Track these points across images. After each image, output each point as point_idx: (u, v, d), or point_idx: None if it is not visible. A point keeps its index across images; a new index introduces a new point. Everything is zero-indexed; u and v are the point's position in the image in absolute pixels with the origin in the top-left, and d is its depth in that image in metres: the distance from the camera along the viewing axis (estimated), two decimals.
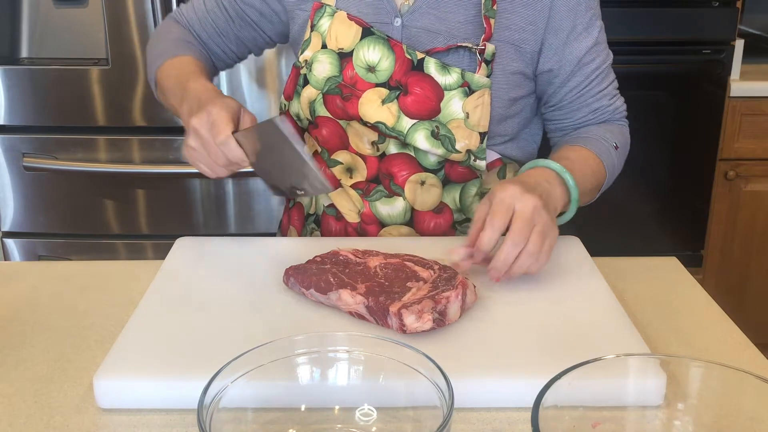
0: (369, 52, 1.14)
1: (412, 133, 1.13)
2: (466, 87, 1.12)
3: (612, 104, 1.22)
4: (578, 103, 1.20)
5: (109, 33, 2.02)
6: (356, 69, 1.14)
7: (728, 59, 2.24)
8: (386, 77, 1.14)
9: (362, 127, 1.16)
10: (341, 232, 1.24)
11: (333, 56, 1.16)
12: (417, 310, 0.85)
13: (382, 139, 1.16)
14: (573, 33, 1.15)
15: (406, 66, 1.13)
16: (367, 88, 1.14)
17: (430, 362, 0.66)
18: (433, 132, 1.13)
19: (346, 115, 1.16)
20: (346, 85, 1.15)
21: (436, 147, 1.14)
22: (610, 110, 1.22)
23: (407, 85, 1.13)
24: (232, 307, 0.93)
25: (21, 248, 2.22)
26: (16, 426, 0.77)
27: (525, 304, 0.94)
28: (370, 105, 1.14)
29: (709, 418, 0.67)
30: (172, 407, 0.78)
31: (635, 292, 1.05)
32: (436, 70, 1.12)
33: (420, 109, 1.13)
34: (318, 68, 1.16)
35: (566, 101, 1.20)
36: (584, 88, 1.19)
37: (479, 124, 1.13)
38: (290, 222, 1.34)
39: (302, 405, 0.73)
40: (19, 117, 2.11)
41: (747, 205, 2.38)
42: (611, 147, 1.17)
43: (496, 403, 0.79)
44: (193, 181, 2.15)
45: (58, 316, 0.99)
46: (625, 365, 0.70)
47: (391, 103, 1.13)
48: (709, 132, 2.31)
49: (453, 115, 1.12)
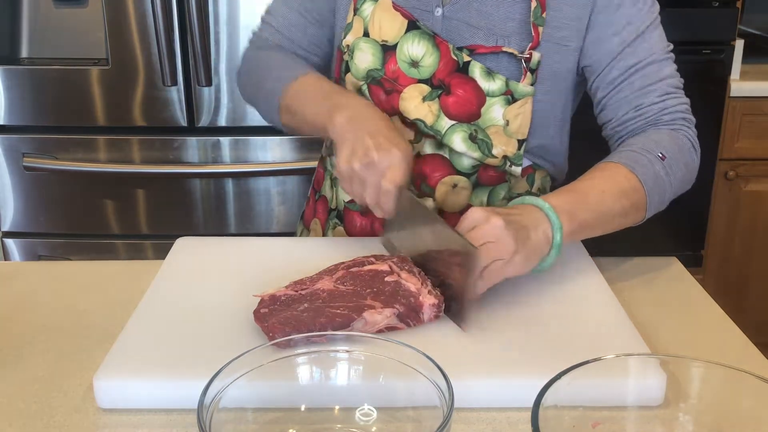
0: (413, 46, 1.12)
1: (450, 134, 1.12)
2: (509, 95, 1.10)
3: (660, 103, 1.11)
4: (618, 100, 1.13)
5: (109, 33, 2.02)
6: (399, 63, 1.12)
7: (728, 59, 2.24)
8: (429, 74, 1.12)
9: (401, 125, 1.15)
10: (366, 227, 1.22)
11: (376, 47, 1.14)
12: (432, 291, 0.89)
13: (418, 138, 1.15)
14: (611, 27, 1.11)
15: (450, 66, 1.11)
16: (409, 83, 1.12)
17: (430, 362, 0.66)
18: (471, 135, 1.12)
19: (390, 107, 1.14)
20: (388, 79, 1.13)
21: (472, 150, 1.12)
22: (655, 109, 1.11)
23: (450, 86, 1.11)
24: (233, 307, 0.93)
25: (21, 248, 2.22)
26: (16, 426, 0.77)
27: (525, 304, 0.94)
28: (412, 101, 1.12)
29: (709, 418, 0.67)
30: (172, 407, 0.78)
31: (635, 292, 1.05)
32: (481, 75, 1.10)
33: (460, 112, 1.11)
34: (359, 57, 1.14)
35: (606, 98, 1.14)
36: (622, 83, 1.12)
37: (518, 131, 1.12)
38: (315, 214, 1.31)
39: (302, 405, 0.73)
40: (19, 117, 2.11)
41: (747, 205, 2.38)
42: (654, 158, 1.05)
43: (496, 403, 0.79)
44: (193, 181, 2.15)
45: (58, 316, 0.99)
46: (625, 365, 0.70)
47: (432, 101, 1.12)
48: (709, 132, 2.31)
49: (493, 122, 1.11)
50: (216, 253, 1.09)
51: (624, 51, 1.11)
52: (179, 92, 2.07)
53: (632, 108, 1.12)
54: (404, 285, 0.90)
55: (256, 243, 1.14)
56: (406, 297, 0.88)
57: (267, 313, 0.86)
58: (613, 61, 1.12)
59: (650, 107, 1.11)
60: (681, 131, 1.11)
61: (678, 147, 1.09)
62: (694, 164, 1.12)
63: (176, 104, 2.08)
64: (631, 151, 1.07)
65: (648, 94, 1.11)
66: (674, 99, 1.12)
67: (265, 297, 0.89)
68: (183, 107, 2.08)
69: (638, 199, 1.04)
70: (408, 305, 0.87)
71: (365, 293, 0.89)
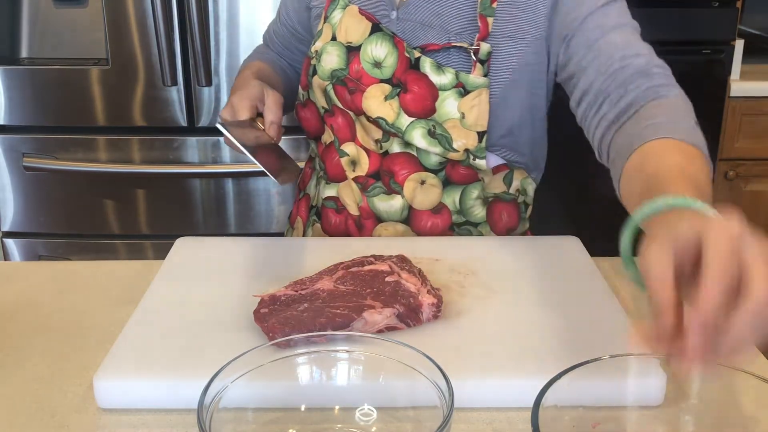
0: (376, 47, 1.15)
1: (410, 131, 1.14)
2: (461, 88, 1.12)
3: (643, 57, 1.01)
4: (595, 53, 1.03)
5: (109, 33, 2.02)
6: (363, 64, 1.16)
7: (728, 59, 2.24)
8: (390, 73, 1.15)
9: (368, 123, 1.17)
10: (341, 224, 1.25)
11: (341, 49, 1.17)
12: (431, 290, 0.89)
13: (386, 138, 1.17)
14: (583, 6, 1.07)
15: (405, 64, 1.14)
16: (372, 83, 1.15)
17: (430, 362, 0.66)
18: (430, 131, 1.13)
19: (354, 107, 1.17)
20: (351, 78, 1.16)
21: (433, 146, 1.14)
22: (641, 62, 1.00)
23: (406, 83, 1.14)
24: (232, 307, 0.93)
25: (21, 248, 2.22)
26: (16, 426, 0.77)
27: (525, 304, 0.94)
28: (374, 100, 1.15)
29: (709, 418, 0.67)
30: (172, 407, 0.78)
31: (635, 292, 1.05)
32: (431, 70, 1.12)
33: (417, 108, 1.13)
34: (326, 59, 1.18)
35: (588, 59, 1.04)
36: (598, 38, 1.04)
37: (476, 123, 1.13)
38: (298, 212, 1.35)
39: (302, 405, 0.73)
40: (19, 117, 2.11)
41: (747, 205, 2.38)
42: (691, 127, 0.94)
43: (496, 403, 0.79)
44: (193, 181, 2.15)
45: (58, 316, 0.99)
46: (625, 365, 0.70)
47: (393, 99, 1.14)
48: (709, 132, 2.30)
49: (448, 115, 1.12)
50: (216, 253, 1.09)
51: (595, 12, 1.05)
52: (179, 92, 2.07)
53: (616, 59, 1.02)
54: (404, 285, 0.90)
55: (256, 243, 1.14)
56: (406, 297, 0.88)
57: (267, 313, 0.86)
58: (586, 22, 1.05)
59: (635, 60, 1.01)
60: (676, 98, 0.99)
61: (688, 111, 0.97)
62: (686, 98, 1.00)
63: (176, 104, 2.08)
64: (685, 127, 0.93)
65: (627, 47, 1.03)
66: (655, 57, 1.03)
67: (265, 297, 0.89)
68: (183, 107, 2.08)
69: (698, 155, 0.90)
70: (408, 305, 0.87)
71: (365, 293, 0.89)
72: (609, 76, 1.02)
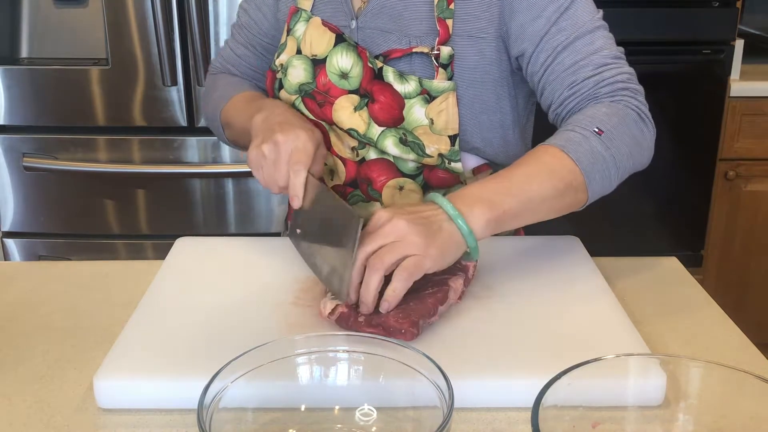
0: (342, 58, 1.13)
1: (382, 140, 1.12)
2: (425, 94, 1.10)
3: (595, 76, 1.05)
4: (552, 81, 1.07)
5: (109, 33, 2.02)
6: (329, 76, 1.13)
7: (728, 59, 2.24)
8: (357, 84, 1.12)
9: (342, 132, 1.15)
10: None
11: (307, 62, 1.15)
12: None
13: (362, 145, 1.15)
14: (533, 10, 1.07)
15: (370, 74, 1.12)
16: (340, 94, 1.13)
17: (430, 362, 0.66)
18: (401, 139, 1.12)
19: (325, 119, 1.15)
20: (319, 91, 1.14)
21: (406, 153, 1.12)
22: (590, 84, 1.05)
23: (373, 93, 1.12)
24: (232, 307, 0.93)
25: (21, 248, 2.22)
26: (16, 426, 0.77)
27: (525, 304, 0.94)
28: (344, 111, 1.13)
29: (709, 418, 0.67)
30: (172, 407, 0.78)
31: (635, 292, 1.05)
32: (395, 79, 1.10)
33: (386, 117, 1.11)
34: (292, 73, 1.16)
35: (542, 82, 1.09)
36: (552, 63, 1.07)
37: (446, 128, 1.11)
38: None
39: (302, 405, 0.73)
40: (19, 117, 2.11)
41: (747, 205, 2.38)
42: (590, 134, 0.99)
43: (496, 403, 0.79)
44: (193, 181, 2.15)
45: (58, 316, 0.99)
46: (625, 365, 0.70)
47: (362, 110, 1.12)
48: (709, 132, 2.31)
49: (417, 122, 1.10)
50: (216, 253, 1.09)
51: (549, 31, 1.06)
52: (179, 92, 2.07)
53: (566, 87, 1.06)
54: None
55: (256, 243, 1.14)
56: (440, 274, 0.92)
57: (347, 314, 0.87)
58: (540, 43, 1.07)
59: (584, 82, 1.05)
60: (623, 102, 1.03)
61: (619, 118, 1.01)
62: (644, 135, 1.04)
63: (176, 104, 2.08)
64: (564, 131, 1.01)
65: (580, 70, 1.05)
66: (612, 70, 1.05)
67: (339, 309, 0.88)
68: (183, 107, 2.08)
69: (573, 179, 0.97)
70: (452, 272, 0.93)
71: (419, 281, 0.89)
72: (560, 105, 1.08)
